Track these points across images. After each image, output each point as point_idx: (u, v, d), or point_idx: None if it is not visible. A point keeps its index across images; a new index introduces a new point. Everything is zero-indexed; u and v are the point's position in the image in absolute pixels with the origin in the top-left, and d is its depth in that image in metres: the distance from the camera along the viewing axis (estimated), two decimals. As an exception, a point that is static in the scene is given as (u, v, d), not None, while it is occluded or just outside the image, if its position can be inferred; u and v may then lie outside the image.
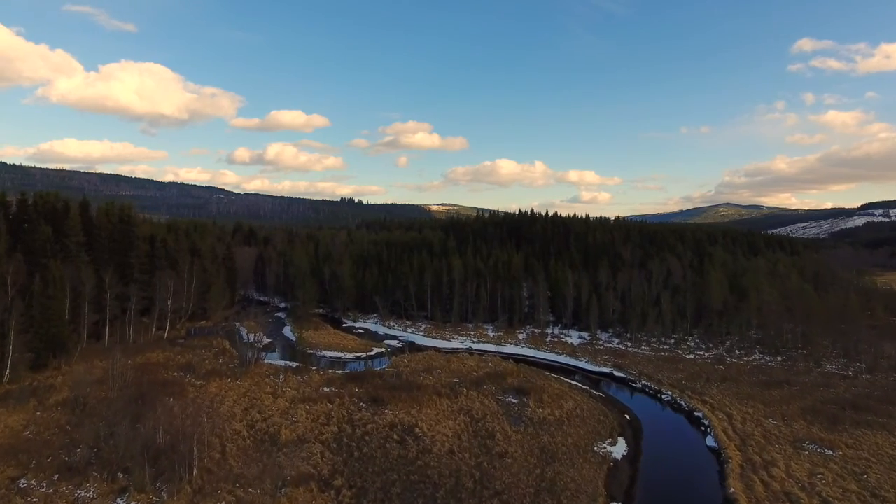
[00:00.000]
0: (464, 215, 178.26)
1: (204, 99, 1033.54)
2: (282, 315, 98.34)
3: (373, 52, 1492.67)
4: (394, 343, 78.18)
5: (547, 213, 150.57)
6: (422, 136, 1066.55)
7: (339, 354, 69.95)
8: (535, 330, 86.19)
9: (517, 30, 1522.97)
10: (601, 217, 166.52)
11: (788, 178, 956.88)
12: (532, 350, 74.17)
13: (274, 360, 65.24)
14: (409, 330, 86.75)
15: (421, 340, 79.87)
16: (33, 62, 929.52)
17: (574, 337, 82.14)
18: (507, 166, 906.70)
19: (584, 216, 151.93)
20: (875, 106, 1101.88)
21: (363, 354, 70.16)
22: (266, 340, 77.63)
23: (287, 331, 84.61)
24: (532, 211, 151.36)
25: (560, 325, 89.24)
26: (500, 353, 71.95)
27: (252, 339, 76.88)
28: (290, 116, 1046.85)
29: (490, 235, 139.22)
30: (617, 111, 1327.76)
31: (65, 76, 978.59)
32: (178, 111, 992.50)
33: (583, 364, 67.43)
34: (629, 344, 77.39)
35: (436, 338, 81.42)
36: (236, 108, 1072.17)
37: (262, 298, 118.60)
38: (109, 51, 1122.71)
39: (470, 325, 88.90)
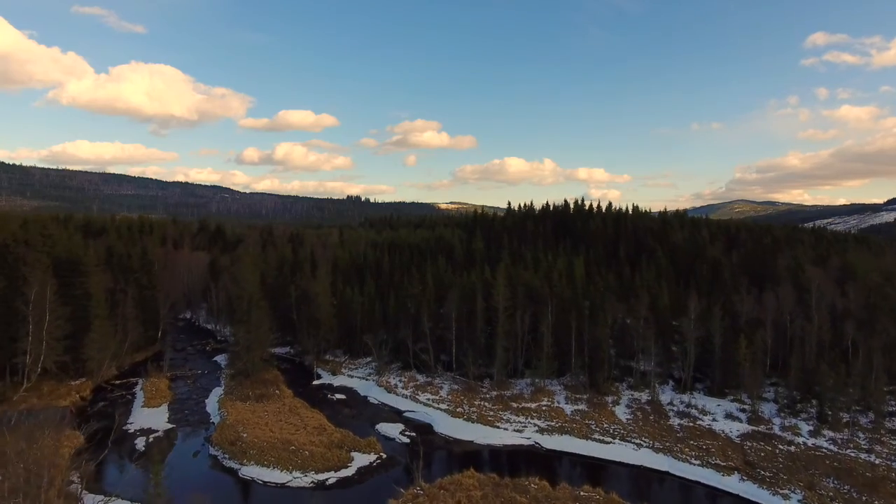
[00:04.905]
0: (487, 215, 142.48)
1: (213, 100, 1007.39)
2: (223, 359, 63.34)
3: (381, 51, 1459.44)
4: (395, 431, 42.83)
5: (600, 206, 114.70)
6: (430, 135, 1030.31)
7: (285, 477, 34.46)
8: (639, 395, 50.30)
9: (526, 27, 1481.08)
10: (665, 210, 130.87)
11: (801, 173, 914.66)
12: (662, 455, 38.21)
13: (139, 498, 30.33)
14: (423, 396, 50.90)
15: (444, 423, 44.28)
16: (45, 65, 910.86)
17: (718, 414, 46.05)
18: (515, 164, 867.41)
19: (655, 210, 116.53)
20: (890, 100, 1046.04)
21: (331, 475, 34.67)
22: (165, 426, 43.02)
23: (214, 401, 49.50)
24: (581, 201, 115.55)
25: (673, 385, 53.38)
26: (599, 460, 36.53)
27: (143, 425, 42.66)
28: (300, 116, 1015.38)
29: (528, 235, 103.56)
30: (627, 108, 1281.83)
31: (75, 78, 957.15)
32: (188, 112, 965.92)
33: (798, 509, 31.44)
34: (836, 436, 41.22)
35: (470, 417, 45.67)
36: (246, 108, 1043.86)
37: (209, 326, 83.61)
38: (119, 52, 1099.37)
39: (524, 386, 53.04)
